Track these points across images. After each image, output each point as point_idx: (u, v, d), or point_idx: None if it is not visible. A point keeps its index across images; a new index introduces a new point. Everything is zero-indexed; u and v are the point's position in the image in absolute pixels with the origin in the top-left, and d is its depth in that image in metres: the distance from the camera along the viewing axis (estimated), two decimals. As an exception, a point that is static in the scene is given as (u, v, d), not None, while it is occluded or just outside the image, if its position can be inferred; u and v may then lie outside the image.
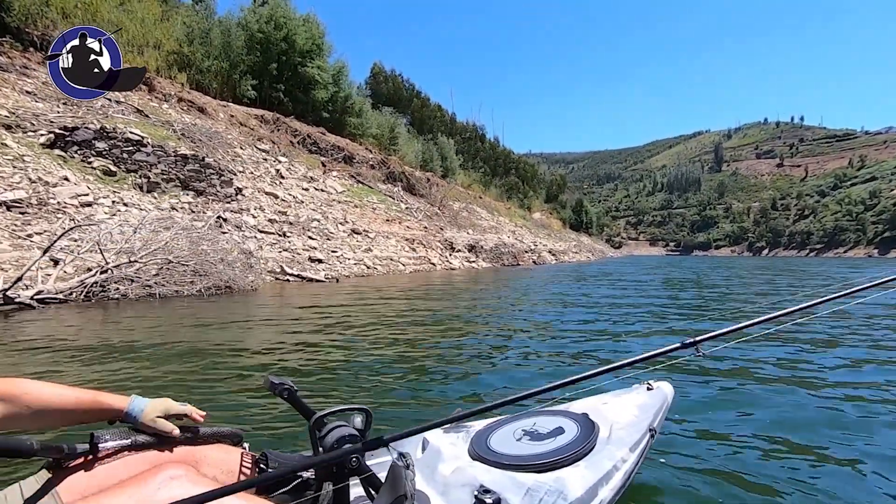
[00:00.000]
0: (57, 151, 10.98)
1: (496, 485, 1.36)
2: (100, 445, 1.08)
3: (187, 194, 12.86)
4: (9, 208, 8.75)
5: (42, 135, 10.98)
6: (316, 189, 18.46)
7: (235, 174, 15.17)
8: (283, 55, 23.13)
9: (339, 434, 1.24)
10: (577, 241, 56.60)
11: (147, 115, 14.39)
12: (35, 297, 6.13)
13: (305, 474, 1.27)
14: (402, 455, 1.18)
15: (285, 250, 12.89)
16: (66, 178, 10.32)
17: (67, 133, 11.29)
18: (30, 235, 8.12)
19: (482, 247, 23.56)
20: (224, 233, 11.98)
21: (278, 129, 20.63)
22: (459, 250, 21.61)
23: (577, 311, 7.13)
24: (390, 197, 23.54)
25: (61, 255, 7.49)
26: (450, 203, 30.09)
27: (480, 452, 1.50)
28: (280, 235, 13.53)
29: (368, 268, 14.53)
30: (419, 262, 17.71)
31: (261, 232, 13.17)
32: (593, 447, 1.52)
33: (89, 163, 11.41)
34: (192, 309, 6.91)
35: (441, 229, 23.58)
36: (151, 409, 1.16)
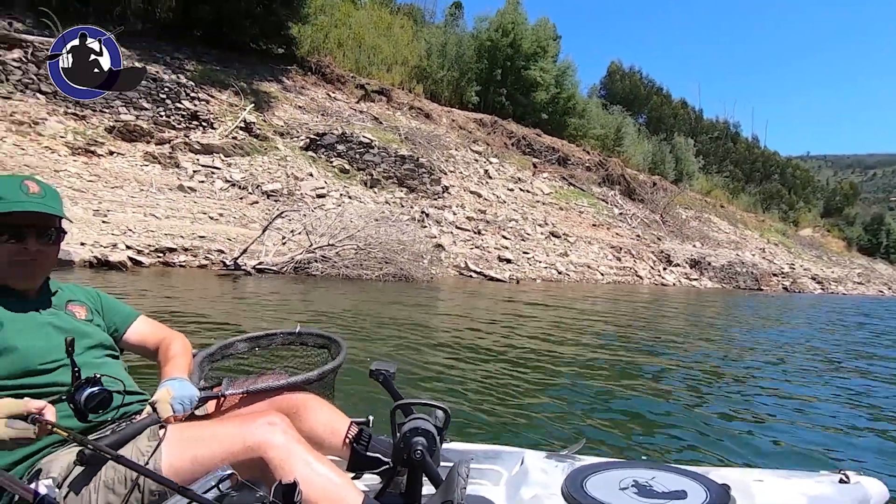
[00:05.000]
0: (309, 153, 13.66)
1: None
2: (228, 392, 1.45)
3: (401, 190, 14.44)
4: (268, 196, 11.25)
5: (301, 140, 13.80)
6: (522, 190, 18.56)
7: (446, 173, 16.37)
8: (508, 60, 23.95)
9: (413, 425, 1.30)
10: (865, 268, 43.35)
11: (381, 122, 16.71)
12: (255, 266, 7.66)
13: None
14: (464, 461, 1.21)
15: (476, 247, 13.29)
16: (311, 174, 12.74)
17: (318, 138, 13.93)
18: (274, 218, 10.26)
19: (710, 263, 20.05)
20: (424, 226, 13.03)
21: (494, 132, 21.47)
22: (677, 264, 18.85)
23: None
24: (603, 201, 22.07)
25: (283, 234, 9.24)
26: (677, 210, 26.57)
27: (570, 488, 1.38)
28: (475, 233, 14.03)
29: (559, 273, 13.86)
30: (622, 272, 16.09)
31: (458, 228, 13.88)
32: None
33: (330, 162, 13.86)
34: (370, 291, 7.66)
35: (659, 239, 20.99)
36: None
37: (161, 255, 7.60)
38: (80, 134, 10.37)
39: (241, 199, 10.74)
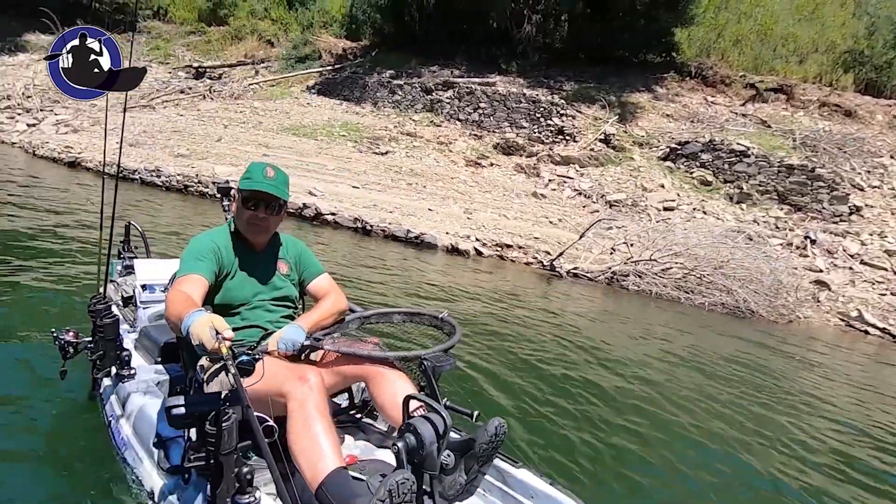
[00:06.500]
0: (667, 163, 12.81)
1: None
2: (326, 347, 1.74)
3: (781, 208, 11.67)
4: (610, 206, 11.32)
5: (660, 149, 13.10)
6: None
7: (862, 189, 12.09)
8: None
9: (410, 422, 1.37)
10: None
11: (769, 126, 13.85)
12: (570, 270, 7.96)
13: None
14: (395, 474, 1.25)
15: (892, 294, 9.33)
16: (662, 186, 11.97)
17: (680, 147, 12.87)
18: (609, 228, 10.25)
19: None
20: (804, 255, 10.19)
21: (981, 129, 14.18)
22: None
23: None
24: None
25: (614, 243, 9.11)
26: None
27: None
28: (894, 273, 9.85)
29: None
30: None
31: (864, 263, 10.10)
32: None
33: (690, 173, 12.57)
34: (694, 318, 6.78)
35: None
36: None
37: (499, 249, 8.94)
38: (475, 150, 13.25)
39: (583, 206, 11.24)
